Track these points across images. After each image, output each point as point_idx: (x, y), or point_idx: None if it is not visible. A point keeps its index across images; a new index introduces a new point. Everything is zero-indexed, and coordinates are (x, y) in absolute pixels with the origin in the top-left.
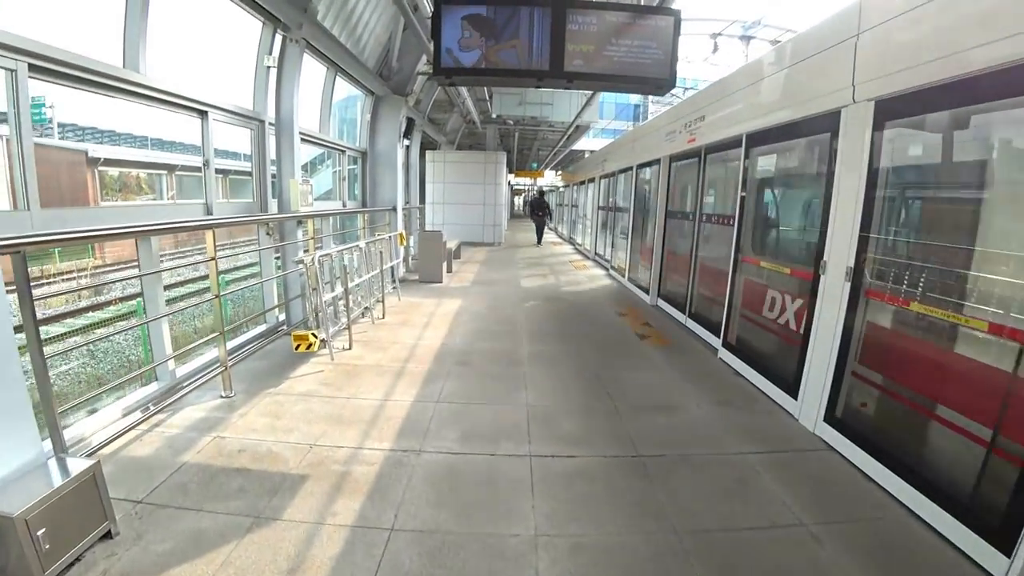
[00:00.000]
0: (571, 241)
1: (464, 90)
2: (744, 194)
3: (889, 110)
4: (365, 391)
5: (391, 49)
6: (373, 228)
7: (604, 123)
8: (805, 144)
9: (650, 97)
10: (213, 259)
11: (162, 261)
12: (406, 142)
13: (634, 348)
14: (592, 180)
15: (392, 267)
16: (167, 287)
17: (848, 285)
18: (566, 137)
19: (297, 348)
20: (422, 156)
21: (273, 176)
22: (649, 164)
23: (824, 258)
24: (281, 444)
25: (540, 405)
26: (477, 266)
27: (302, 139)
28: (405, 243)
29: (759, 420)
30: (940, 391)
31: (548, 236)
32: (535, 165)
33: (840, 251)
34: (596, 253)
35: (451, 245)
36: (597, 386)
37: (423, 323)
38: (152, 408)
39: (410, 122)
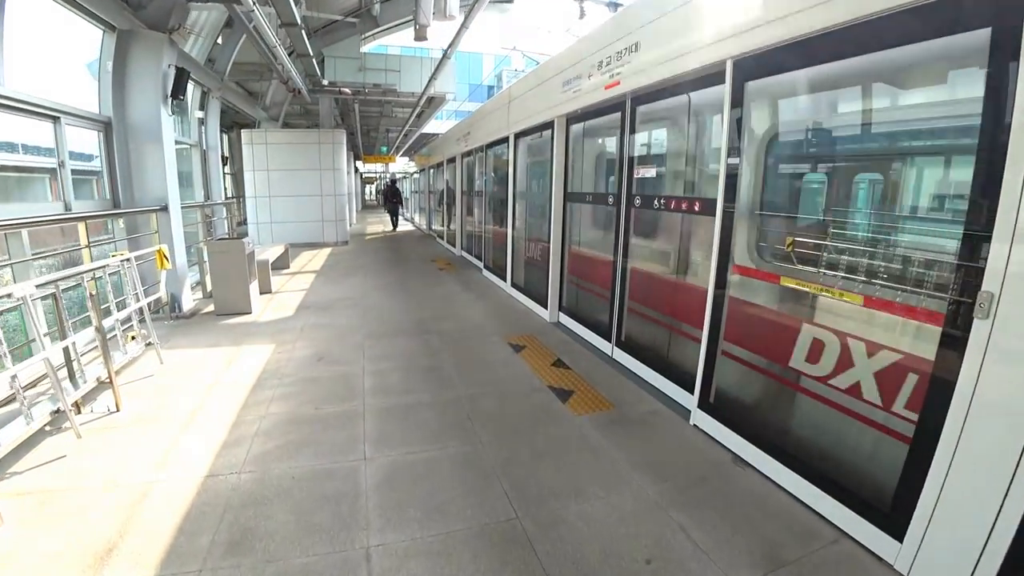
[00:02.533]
0: (432, 233)
1: (271, 33)
2: (735, 161)
3: None
4: None
5: None
6: (131, 241)
7: (456, 104)
8: (878, 64)
9: (504, 77)
10: None
11: None
12: (199, 113)
13: (561, 426)
14: (452, 161)
15: (144, 308)
16: None
17: None
18: (416, 113)
19: None
20: (238, 138)
21: None
22: (535, 131)
23: (986, 287)
24: None
25: None
26: (311, 279)
27: None
28: (166, 264)
29: None
30: None
31: (406, 227)
32: (385, 149)
33: None
34: (464, 248)
35: (270, 254)
36: (529, 565)
37: (188, 412)
38: None
39: (181, 74)
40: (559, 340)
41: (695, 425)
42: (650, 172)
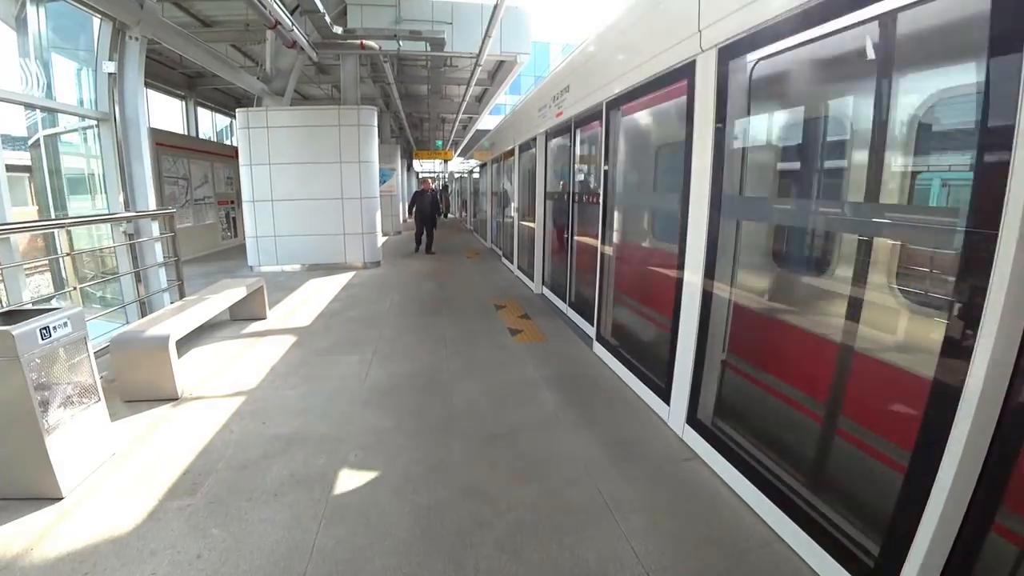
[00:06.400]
0: (496, 250)
1: None
2: None
3: None
4: None
5: None
6: None
7: (509, 99)
8: None
9: None
10: None
11: None
12: (109, 66)
13: None
14: (527, 147)
15: None
16: None
17: None
18: (476, 94)
19: None
20: (223, 113)
21: None
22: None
23: None
24: None
25: None
26: (282, 351)
27: None
28: None
29: None
30: None
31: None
32: (439, 143)
33: None
34: (548, 284)
35: (213, 306)
36: None
37: None
38: None
39: None
40: None
41: None
42: None
